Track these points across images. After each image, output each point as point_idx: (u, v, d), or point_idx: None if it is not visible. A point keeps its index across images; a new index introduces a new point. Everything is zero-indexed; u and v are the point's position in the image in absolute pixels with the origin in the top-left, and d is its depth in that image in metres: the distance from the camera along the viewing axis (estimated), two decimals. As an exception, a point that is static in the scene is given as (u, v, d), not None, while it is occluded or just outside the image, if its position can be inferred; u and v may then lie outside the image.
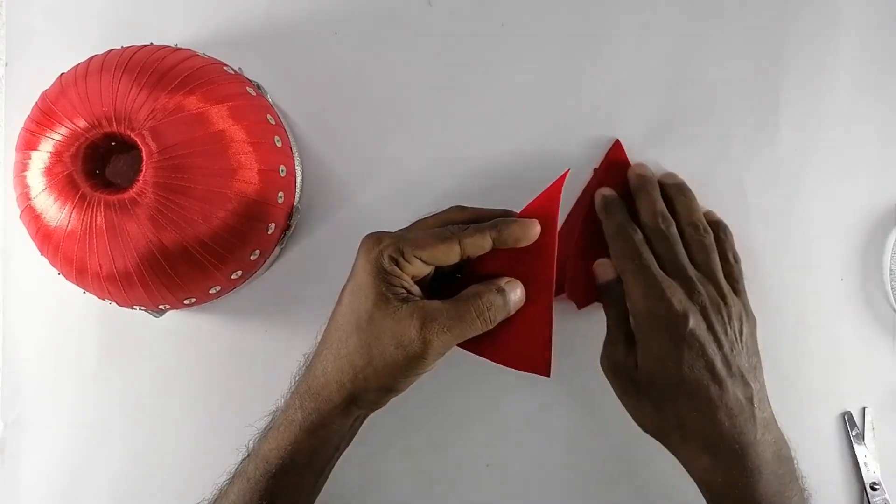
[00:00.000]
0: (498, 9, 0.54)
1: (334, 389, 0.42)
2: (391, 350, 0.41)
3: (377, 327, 0.41)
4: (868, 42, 0.54)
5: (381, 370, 0.41)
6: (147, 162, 0.43)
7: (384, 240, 0.42)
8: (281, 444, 0.43)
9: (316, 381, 0.43)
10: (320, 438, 0.43)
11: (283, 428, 0.43)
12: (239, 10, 0.54)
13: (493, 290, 0.43)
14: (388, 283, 0.41)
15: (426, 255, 0.42)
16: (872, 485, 0.52)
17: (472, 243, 0.42)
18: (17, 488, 0.54)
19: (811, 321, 0.53)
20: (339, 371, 0.42)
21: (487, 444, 0.53)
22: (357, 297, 0.42)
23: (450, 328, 0.41)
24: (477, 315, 0.42)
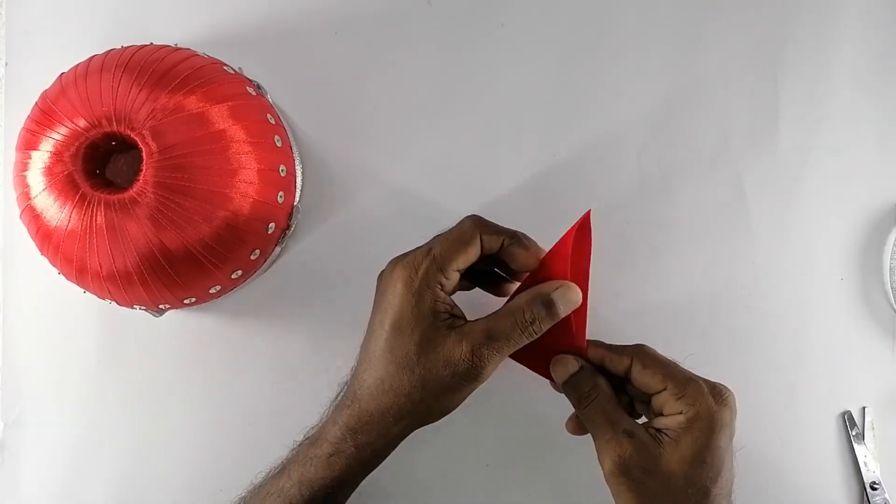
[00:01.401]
0: (498, 9, 0.54)
1: (391, 423, 0.43)
2: (448, 379, 0.41)
3: (430, 360, 0.41)
4: (868, 42, 0.54)
5: (440, 397, 0.42)
6: (147, 161, 0.43)
7: (420, 265, 0.42)
8: (332, 475, 0.43)
9: (370, 417, 0.43)
10: (372, 466, 0.44)
11: (335, 458, 0.43)
12: (239, 10, 0.54)
13: (539, 303, 0.42)
14: (435, 312, 0.41)
15: (460, 263, 0.42)
16: (872, 484, 0.52)
17: (488, 240, 0.43)
18: (17, 488, 0.54)
19: (811, 321, 0.53)
20: (397, 407, 0.42)
21: (487, 444, 0.53)
22: (404, 332, 0.42)
23: (499, 350, 0.41)
24: (522, 330, 0.42)
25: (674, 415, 0.42)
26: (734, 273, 0.53)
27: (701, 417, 0.41)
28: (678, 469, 0.40)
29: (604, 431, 0.42)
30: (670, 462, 0.41)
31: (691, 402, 0.41)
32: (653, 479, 0.41)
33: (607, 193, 0.54)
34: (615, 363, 0.44)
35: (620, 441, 0.41)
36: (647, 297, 0.53)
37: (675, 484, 0.40)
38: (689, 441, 0.41)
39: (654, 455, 0.41)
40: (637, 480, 0.41)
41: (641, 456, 0.41)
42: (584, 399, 0.44)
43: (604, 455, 0.42)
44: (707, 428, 0.41)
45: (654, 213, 0.53)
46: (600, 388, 0.44)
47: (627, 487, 0.41)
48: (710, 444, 0.41)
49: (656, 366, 0.43)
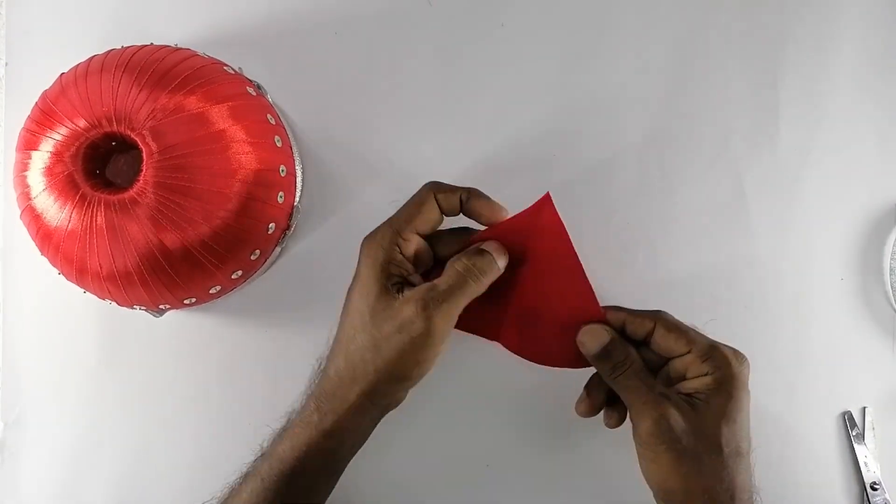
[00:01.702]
0: (498, 9, 0.54)
1: (348, 388, 0.43)
2: (396, 337, 0.42)
3: (380, 318, 0.42)
4: (868, 42, 0.54)
5: (390, 359, 0.42)
6: (147, 162, 0.43)
7: (379, 232, 0.44)
8: (296, 444, 0.43)
9: (330, 383, 0.44)
10: (337, 440, 0.44)
11: (299, 430, 0.44)
12: (239, 10, 0.54)
13: (472, 250, 0.44)
14: (388, 274, 0.43)
15: (418, 223, 0.44)
16: (872, 484, 0.52)
17: (444, 198, 0.44)
18: (17, 488, 0.54)
19: (811, 321, 0.53)
20: (351, 369, 0.43)
21: (487, 444, 0.53)
22: (361, 296, 0.43)
23: (445, 297, 0.42)
24: (464, 274, 0.43)
25: (699, 377, 0.43)
26: (734, 273, 0.53)
27: (728, 378, 0.42)
28: (713, 429, 0.41)
29: (641, 395, 0.43)
30: (706, 422, 0.42)
31: (718, 365, 0.42)
32: (691, 439, 0.41)
33: (607, 193, 0.54)
34: (636, 327, 0.45)
35: (660, 403, 0.42)
36: (646, 296, 0.53)
37: (713, 444, 0.41)
38: (719, 402, 0.42)
39: (691, 416, 0.41)
40: (676, 441, 0.41)
41: (682, 417, 0.41)
42: (619, 367, 0.44)
43: (642, 419, 0.42)
44: (734, 388, 0.42)
45: (654, 213, 0.53)
46: (632, 356, 0.44)
47: (667, 448, 0.41)
48: (738, 405, 0.42)
49: (678, 330, 0.44)
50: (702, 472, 0.41)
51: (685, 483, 0.41)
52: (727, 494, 0.41)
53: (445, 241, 0.46)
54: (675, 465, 0.41)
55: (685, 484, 0.41)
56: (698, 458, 0.41)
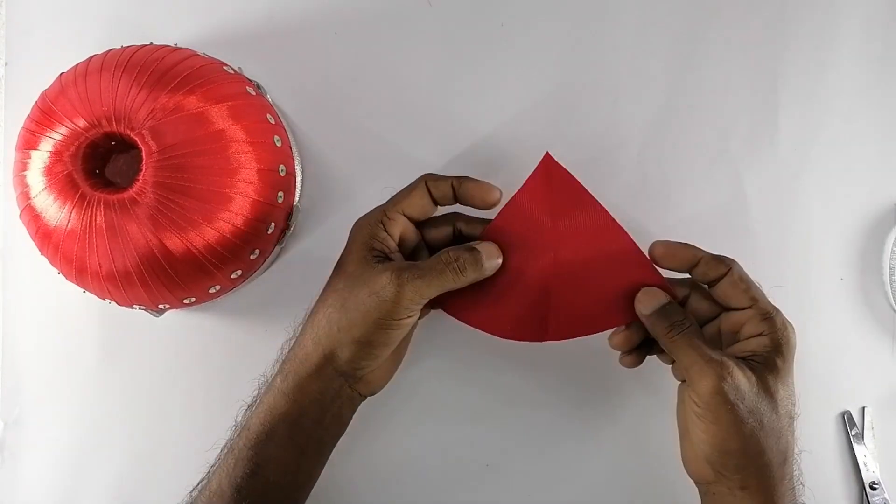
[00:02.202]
0: (498, 9, 0.54)
1: (310, 348, 0.44)
2: (365, 299, 0.42)
3: (353, 283, 0.43)
4: (868, 42, 0.54)
5: (355, 320, 0.43)
6: (147, 161, 0.43)
7: (367, 214, 0.46)
8: (261, 410, 0.44)
9: (296, 345, 0.45)
10: (298, 404, 0.44)
11: (265, 394, 0.45)
12: (239, 10, 0.54)
13: (465, 245, 0.45)
14: (369, 247, 0.44)
15: (405, 205, 0.45)
16: (872, 484, 0.52)
17: (435, 186, 0.45)
18: (17, 488, 0.54)
19: (811, 321, 0.53)
20: (315, 327, 0.44)
21: (487, 444, 0.53)
22: (340, 268, 0.45)
23: (420, 275, 0.43)
24: (445, 264, 0.43)
25: (755, 336, 0.43)
26: (734, 273, 0.53)
27: (784, 341, 0.43)
28: (771, 391, 0.42)
29: (701, 355, 0.42)
30: (764, 384, 0.42)
31: (777, 327, 0.43)
32: (754, 399, 0.41)
33: (607, 193, 0.54)
34: (710, 269, 0.45)
35: (723, 363, 0.41)
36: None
37: (772, 404, 0.42)
38: (776, 365, 0.42)
39: (751, 377, 0.41)
40: (740, 400, 0.41)
41: (744, 377, 0.41)
42: (677, 326, 0.43)
43: (702, 378, 0.41)
44: (788, 352, 0.43)
45: (654, 213, 0.53)
46: (691, 318, 0.44)
47: (728, 409, 0.41)
48: (790, 368, 0.43)
49: (746, 283, 0.44)
50: (761, 433, 0.41)
51: (745, 443, 0.41)
52: (781, 456, 0.42)
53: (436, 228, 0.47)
54: (738, 426, 0.41)
55: (744, 445, 0.41)
56: (759, 419, 0.41)
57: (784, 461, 0.42)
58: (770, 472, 0.42)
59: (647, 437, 0.52)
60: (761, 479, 0.42)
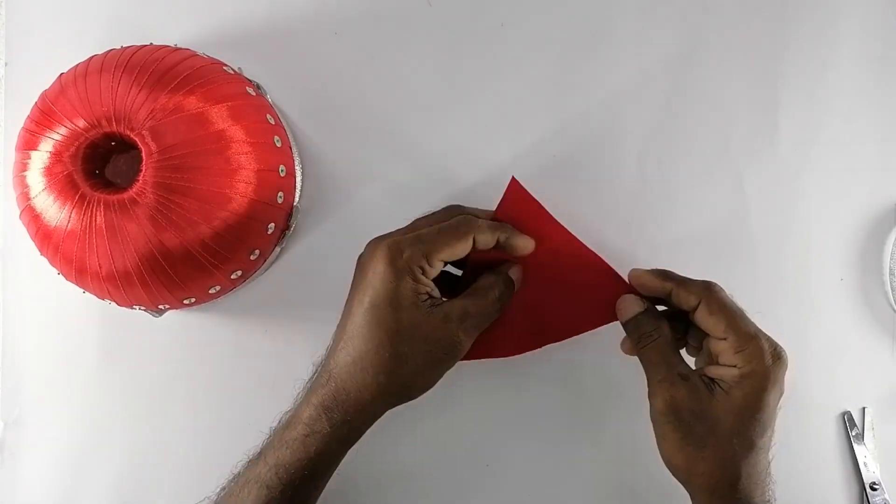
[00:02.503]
0: (498, 9, 0.54)
1: (368, 401, 0.43)
2: (430, 356, 0.43)
3: (413, 335, 0.42)
4: (868, 42, 0.54)
5: (422, 372, 0.43)
6: (147, 162, 0.43)
7: (405, 249, 0.42)
8: (307, 456, 0.43)
9: (346, 396, 0.43)
10: (349, 444, 0.44)
11: (310, 439, 0.43)
12: (239, 10, 0.54)
13: (502, 280, 0.46)
14: (416, 293, 0.42)
15: (447, 254, 0.43)
16: (872, 485, 0.52)
17: (482, 239, 0.44)
18: (17, 488, 0.54)
19: (811, 321, 0.53)
20: (375, 385, 0.42)
21: (487, 444, 0.53)
22: (384, 311, 0.42)
23: (477, 324, 0.44)
24: (493, 306, 0.45)
25: (728, 366, 0.43)
26: (734, 273, 0.53)
27: (756, 375, 0.42)
28: (726, 419, 0.42)
29: (658, 371, 0.43)
30: (719, 411, 0.42)
31: (748, 359, 0.42)
32: (700, 423, 0.42)
33: (607, 193, 0.54)
34: (682, 299, 0.44)
35: (674, 382, 0.42)
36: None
37: (721, 431, 0.42)
38: (740, 395, 0.42)
39: (705, 401, 0.42)
40: (685, 422, 0.42)
41: (692, 400, 0.42)
42: (644, 338, 0.44)
43: (656, 394, 0.43)
44: (760, 386, 0.42)
45: (654, 213, 0.53)
46: (662, 331, 0.45)
47: (674, 428, 0.42)
48: (761, 401, 0.42)
49: (722, 312, 0.43)
50: (703, 455, 0.42)
51: (686, 463, 0.43)
52: (727, 482, 0.42)
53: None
54: (680, 445, 0.42)
55: (686, 464, 0.43)
56: (702, 442, 0.42)
57: (733, 486, 0.42)
58: (715, 493, 0.42)
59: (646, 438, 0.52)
60: (705, 498, 0.43)
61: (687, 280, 0.45)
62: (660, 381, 0.43)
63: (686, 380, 0.43)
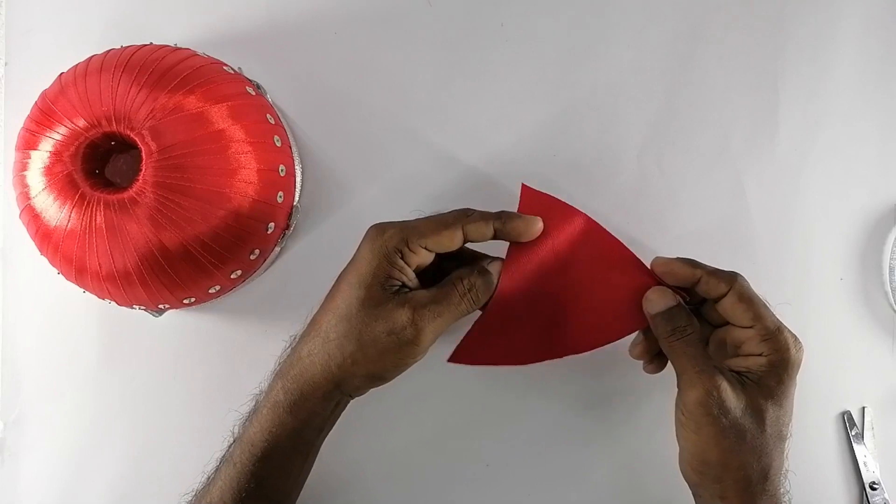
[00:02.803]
0: (498, 9, 0.54)
1: (318, 373, 0.43)
2: (383, 337, 0.42)
3: (370, 315, 0.42)
4: (868, 42, 0.54)
5: (371, 357, 0.42)
6: (147, 161, 0.43)
7: (388, 230, 0.43)
8: (265, 426, 0.44)
9: (301, 364, 0.44)
10: (302, 420, 0.44)
11: (267, 410, 0.44)
12: (239, 10, 0.54)
13: (475, 273, 0.44)
14: (388, 276, 0.42)
15: (431, 242, 0.43)
16: (872, 484, 0.52)
17: (474, 229, 0.44)
18: (17, 488, 0.54)
19: (811, 321, 0.53)
20: (326, 355, 0.43)
21: (487, 444, 0.53)
22: (353, 287, 0.43)
23: (439, 314, 0.43)
24: (461, 297, 0.43)
25: (754, 356, 0.43)
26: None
27: (783, 363, 0.42)
28: (760, 409, 0.42)
29: (696, 364, 0.43)
30: (753, 402, 0.42)
31: (776, 348, 0.43)
32: (737, 416, 0.42)
33: (607, 193, 0.54)
34: (711, 288, 0.44)
35: (714, 374, 0.42)
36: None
37: (757, 423, 0.42)
38: (770, 385, 0.42)
39: (739, 394, 0.42)
40: (723, 415, 0.41)
41: (732, 391, 0.42)
42: (678, 332, 0.44)
43: (692, 388, 0.42)
44: (787, 374, 0.43)
45: (654, 213, 0.53)
46: (694, 325, 0.44)
47: (712, 421, 0.41)
48: (786, 390, 0.43)
49: (750, 302, 0.43)
50: (741, 449, 0.42)
51: (723, 457, 0.42)
52: (761, 474, 0.42)
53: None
54: (717, 439, 0.42)
55: (723, 458, 0.42)
56: (741, 436, 0.42)
57: (765, 478, 0.42)
58: (749, 487, 0.42)
59: (647, 439, 0.52)
60: (738, 493, 0.42)
61: (716, 269, 0.45)
62: (699, 372, 0.42)
63: (722, 373, 0.42)
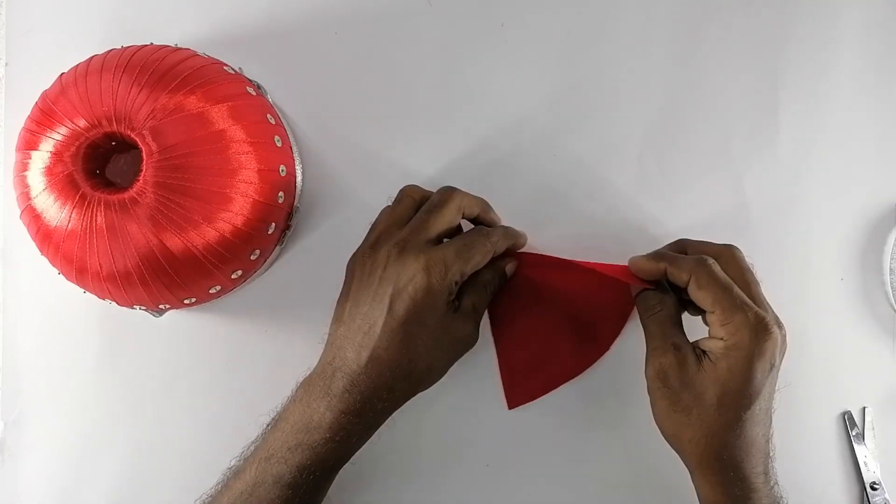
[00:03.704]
0: (498, 9, 0.54)
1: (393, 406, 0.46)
2: (454, 350, 0.47)
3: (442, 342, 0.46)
4: (868, 42, 0.54)
5: (442, 369, 0.47)
6: (147, 162, 0.43)
7: (452, 266, 0.45)
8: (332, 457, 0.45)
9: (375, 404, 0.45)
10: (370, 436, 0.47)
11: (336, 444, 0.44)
12: (239, 10, 0.54)
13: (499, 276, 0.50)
14: (447, 302, 0.45)
15: (475, 268, 0.47)
16: (872, 484, 0.52)
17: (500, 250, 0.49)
18: (17, 488, 0.54)
19: (811, 321, 0.53)
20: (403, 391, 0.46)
21: (487, 444, 0.53)
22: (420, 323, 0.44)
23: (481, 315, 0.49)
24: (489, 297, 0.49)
25: (715, 339, 0.44)
26: (734, 273, 0.53)
27: (739, 347, 0.43)
28: (711, 389, 0.43)
29: (654, 340, 0.46)
30: (704, 382, 0.44)
31: (733, 332, 0.43)
32: (686, 392, 0.44)
33: (607, 193, 0.54)
34: (675, 277, 0.46)
35: (666, 352, 0.45)
36: (647, 297, 0.53)
37: (706, 402, 0.43)
38: (724, 367, 0.43)
39: (692, 371, 0.44)
40: (672, 389, 0.44)
41: (680, 369, 0.44)
42: (649, 310, 0.47)
43: (649, 361, 0.46)
44: (744, 358, 0.43)
45: (654, 214, 0.53)
46: (665, 304, 0.47)
47: (662, 394, 0.45)
48: (746, 373, 0.43)
49: (711, 286, 0.44)
50: (690, 422, 0.44)
51: (675, 429, 0.45)
52: (713, 450, 0.44)
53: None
54: (668, 412, 0.45)
55: (675, 430, 0.45)
56: (687, 410, 0.44)
57: (717, 457, 0.44)
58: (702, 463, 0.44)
59: (647, 438, 0.52)
60: (693, 466, 0.45)
61: (678, 257, 0.46)
62: (654, 349, 0.46)
63: (678, 349, 0.45)
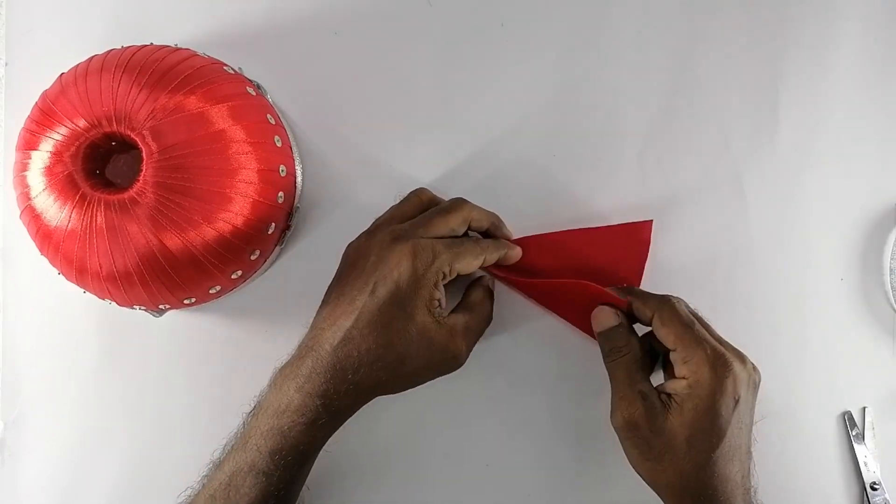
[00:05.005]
0: (498, 9, 0.54)
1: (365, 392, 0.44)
2: (434, 359, 0.45)
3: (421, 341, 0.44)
4: (868, 42, 0.54)
5: (420, 374, 0.45)
6: (147, 162, 0.43)
7: (440, 255, 0.44)
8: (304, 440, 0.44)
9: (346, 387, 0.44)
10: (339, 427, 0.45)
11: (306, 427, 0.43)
12: (239, 10, 0.54)
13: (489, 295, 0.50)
14: (431, 298, 0.44)
15: (464, 267, 0.46)
16: (872, 485, 0.52)
17: (490, 259, 0.48)
18: (17, 488, 0.54)
19: (811, 321, 0.53)
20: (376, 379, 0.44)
21: (487, 444, 0.53)
22: (399, 311, 0.43)
23: (476, 336, 0.48)
24: (487, 318, 0.49)
25: (679, 379, 0.44)
26: (734, 273, 0.53)
27: (700, 385, 0.43)
28: (680, 433, 0.43)
29: (621, 387, 0.45)
30: (673, 427, 0.43)
31: (694, 369, 0.43)
32: (656, 438, 0.43)
33: (607, 193, 0.54)
34: (640, 312, 0.46)
35: (633, 400, 0.44)
36: (647, 297, 0.53)
37: (676, 446, 0.43)
38: (690, 408, 0.43)
39: (660, 418, 0.43)
40: (642, 438, 0.44)
41: (648, 417, 0.44)
42: (613, 353, 0.46)
43: (616, 410, 0.45)
44: (706, 396, 0.43)
45: (653, 214, 0.53)
46: (631, 347, 0.46)
47: (632, 444, 0.45)
48: (710, 412, 0.43)
49: (673, 324, 0.44)
50: (663, 469, 0.44)
51: (651, 475, 0.45)
52: (690, 493, 0.43)
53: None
54: (641, 459, 0.44)
55: (651, 476, 0.45)
56: (659, 457, 0.44)
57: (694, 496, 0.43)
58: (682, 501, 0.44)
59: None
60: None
61: (645, 294, 0.47)
62: (620, 398, 0.45)
63: (644, 398, 0.44)
